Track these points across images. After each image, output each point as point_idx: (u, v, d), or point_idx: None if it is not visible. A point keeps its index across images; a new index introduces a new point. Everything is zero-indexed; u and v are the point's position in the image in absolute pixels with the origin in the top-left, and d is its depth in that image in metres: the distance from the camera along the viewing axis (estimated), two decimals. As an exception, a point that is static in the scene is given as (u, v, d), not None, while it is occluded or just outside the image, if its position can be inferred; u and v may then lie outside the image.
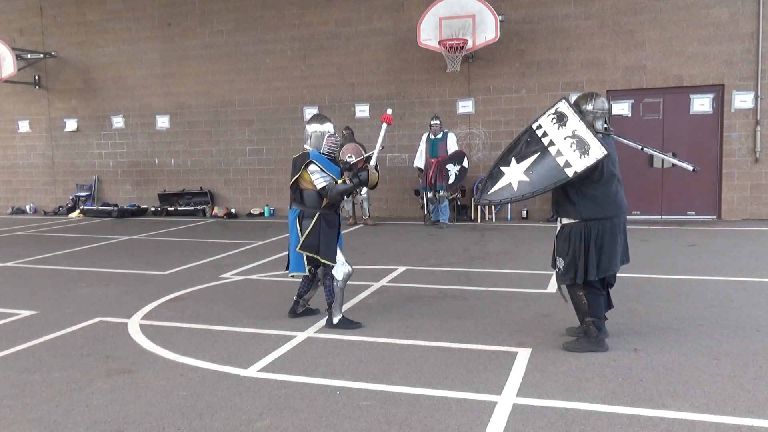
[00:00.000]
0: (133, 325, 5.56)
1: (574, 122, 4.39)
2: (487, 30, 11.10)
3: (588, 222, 4.44)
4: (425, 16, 11.41)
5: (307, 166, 5.15)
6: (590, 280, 4.46)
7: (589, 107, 4.54)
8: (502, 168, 4.54)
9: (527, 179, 4.42)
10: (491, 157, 12.03)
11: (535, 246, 8.86)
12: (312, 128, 5.28)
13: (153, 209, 14.45)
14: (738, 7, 10.65)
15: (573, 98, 4.83)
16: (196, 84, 14.05)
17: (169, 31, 14.12)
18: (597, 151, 4.28)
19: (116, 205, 14.54)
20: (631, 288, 6.34)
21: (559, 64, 11.62)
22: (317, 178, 5.13)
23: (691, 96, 11.16)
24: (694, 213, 11.35)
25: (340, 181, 5.18)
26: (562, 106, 4.46)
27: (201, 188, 14.25)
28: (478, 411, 3.66)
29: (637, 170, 11.21)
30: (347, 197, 5.94)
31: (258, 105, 13.66)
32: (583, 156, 4.31)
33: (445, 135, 11.10)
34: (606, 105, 4.60)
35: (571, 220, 4.52)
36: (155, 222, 13.16)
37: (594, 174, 4.37)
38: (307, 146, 5.31)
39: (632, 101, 11.37)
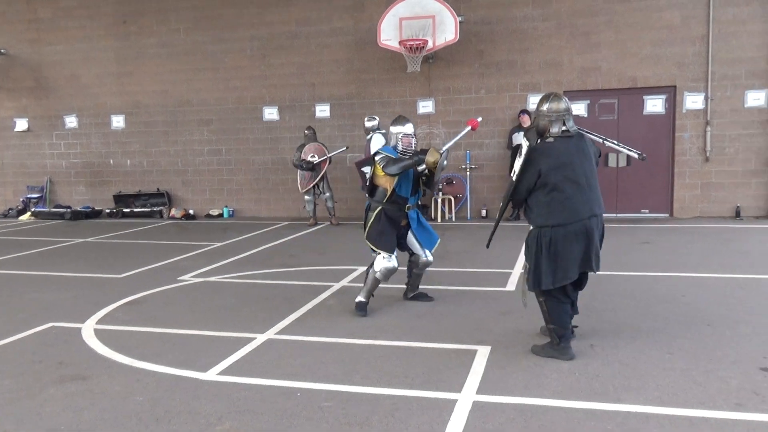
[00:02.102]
0: (87, 330, 5.42)
1: (521, 137, 4.53)
2: (446, 31, 11.18)
3: (541, 229, 4.37)
4: (385, 17, 11.43)
5: (375, 155, 5.58)
6: (543, 289, 4.39)
7: (543, 108, 4.47)
8: None
9: (502, 203, 4.73)
10: (451, 157, 12.07)
11: (494, 245, 8.90)
12: (395, 129, 5.66)
13: (108, 211, 14.13)
14: (689, 10, 10.96)
15: (530, 98, 4.93)
16: (153, 83, 13.80)
17: (124, 29, 13.83)
18: (524, 148, 4.34)
19: (69, 207, 14.17)
20: (587, 285, 6.44)
21: (517, 64, 11.77)
22: (380, 159, 5.50)
23: (644, 97, 11.44)
24: (647, 211, 11.63)
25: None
26: (522, 143, 4.51)
27: (158, 189, 14.00)
28: (438, 409, 3.68)
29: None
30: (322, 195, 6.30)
31: (217, 104, 13.49)
32: (519, 158, 4.41)
33: (372, 136, 10.56)
34: (562, 106, 4.43)
35: (531, 227, 4.50)
36: (110, 224, 12.88)
37: (536, 178, 4.31)
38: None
39: (588, 102, 11.59)
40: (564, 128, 4.43)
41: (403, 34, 11.27)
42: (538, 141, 4.42)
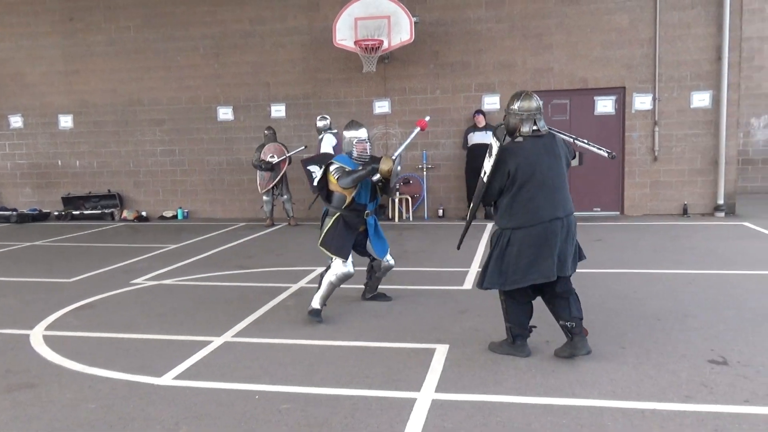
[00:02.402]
0: (36, 336, 5.25)
1: (491, 137, 4.38)
2: (402, 31, 11.22)
3: (503, 230, 4.32)
4: (340, 16, 11.40)
5: (328, 165, 5.52)
6: (484, 288, 4.41)
7: (514, 107, 4.35)
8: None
9: (472, 204, 4.63)
10: (408, 157, 12.18)
11: (451, 244, 8.99)
12: (348, 135, 5.62)
13: (56, 213, 13.72)
14: (637, 13, 11.25)
15: (485, 98, 4.92)
16: (102, 82, 13.45)
17: (71, 26, 13.43)
18: (494, 147, 4.22)
19: (15, 210, 13.71)
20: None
21: (472, 65, 11.90)
22: (335, 170, 5.45)
23: (595, 98, 11.70)
24: (599, 209, 11.90)
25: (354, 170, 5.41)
26: (492, 142, 4.34)
27: (109, 191, 13.65)
28: (398, 408, 3.69)
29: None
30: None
31: (169, 104, 13.23)
32: (489, 158, 4.28)
33: (323, 135, 10.73)
34: (533, 104, 4.35)
35: (496, 227, 4.46)
36: (59, 227, 12.50)
37: (506, 178, 4.22)
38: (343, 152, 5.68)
39: (542, 102, 11.77)
40: (535, 127, 4.33)
41: (358, 34, 11.26)
42: (506, 140, 4.31)
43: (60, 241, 10.60)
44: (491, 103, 11.81)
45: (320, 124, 10.86)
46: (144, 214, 13.33)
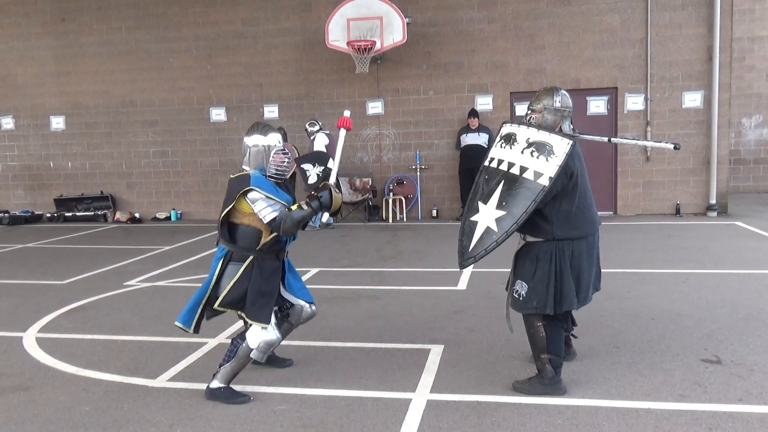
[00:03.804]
0: (29, 339, 5.23)
1: (524, 132, 3.78)
2: (394, 32, 11.22)
3: (561, 242, 3.74)
4: (333, 17, 11.39)
5: (245, 194, 3.83)
6: (561, 312, 3.79)
7: (557, 104, 3.87)
8: (471, 218, 3.81)
9: (503, 212, 3.67)
10: (401, 158, 12.19)
11: (445, 244, 9.05)
12: (251, 141, 3.96)
13: (49, 215, 13.64)
14: (629, 14, 11.30)
15: (477, 99, 4.66)
16: (94, 83, 13.39)
17: (63, 27, 13.37)
18: (562, 145, 3.65)
19: (7, 212, 13.61)
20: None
21: (464, 66, 11.91)
22: (263, 208, 3.80)
23: (587, 98, 11.73)
24: (592, 209, 11.91)
25: (294, 207, 3.90)
26: (506, 128, 3.89)
27: (101, 192, 13.59)
28: (393, 409, 3.70)
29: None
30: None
31: (162, 105, 13.19)
32: (549, 157, 3.64)
33: (315, 136, 11.00)
34: (571, 102, 3.95)
35: (539, 239, 3.79)
36: (52, 228, 12.44)
37: (569, 182, 3.72)
38: (246, 167, 3.99)
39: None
40: (572, 126, 3.94)
41: (351, 35, 11.26)
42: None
43: (52, 243, 10.54)
44: (484, 103, 11.83)
45: (311, 129, 11.13)
46: (137, 215, 13.28)
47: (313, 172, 10.60)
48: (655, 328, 5.03)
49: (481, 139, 11.38)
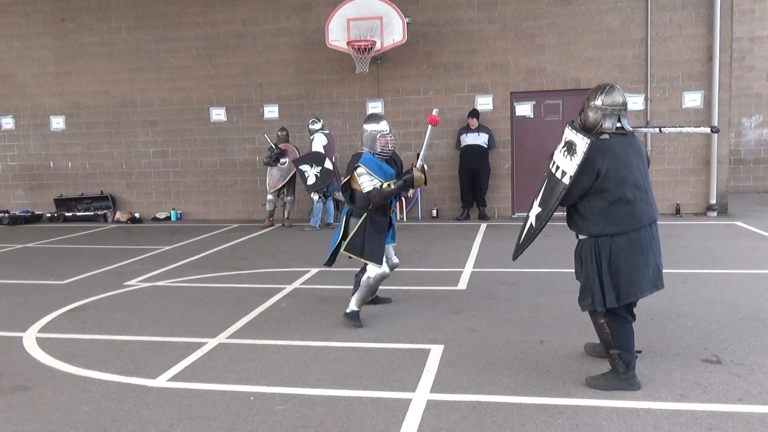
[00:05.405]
0: (29, 339, 5.23)
1: (566, 132, 3.86)
2: (394, 32, 11.22)
3: (598, 239, 3.84)
4: (333, 17, 11.39)
5: (355, 169, 5.17)
6: (608, 307, 3.83)
7: (598, 102, 3.93)
8: (528, 214, 4.15)
9: (540, 209, 4.00)
10: (402, 157, 12.14)
11: (445, 244, 9.05)
12: (367, 128, 5.32)
13: (49, 215, 13.64)
14: (628, 14, 11.30)
15: (478, 99, 4.70)
16: (94, 83, 13.39)
17: (62, 27, 13.37)
18: (582, 144, 3.70)
19: (7, 212, 13.61)
20: (536, 282, 6.59)
21: (464, 66, 11.91)
22: (364, 182, 5.12)
23: (587, 98, 11.72)
24: (592, 209, 11.91)
25: (386, 185, 5.12)
26: (568, 133, 3.86)
27: (101, 192, 13.60)
28: (393, 409, 3.70)
29: (542, 169, 11.67)
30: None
31: (162, 105, 13.19)
32: (573, 156, 3.74)
33: (314, 136, 10.94)
34: (619, 99, 3.93)
35: (583, 236, 3.96)
36: (52, 228, 12.44)
37: (598, 180, 3.78)
38: (364, 147, 5.35)
39: (534, 103, 11.82)
40: (618, 125, 3.94)
41: (351, 35, 11.26)
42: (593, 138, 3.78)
43: (52, 243, 10.55)
44: (484, 103, 11.83)
45: (313, 127, 11.02)
46: (137, 215, 13.28)
47: (311, 173, 10.60)
48: (654, 328, 5.02)
49: (480, 139, 11.39)
